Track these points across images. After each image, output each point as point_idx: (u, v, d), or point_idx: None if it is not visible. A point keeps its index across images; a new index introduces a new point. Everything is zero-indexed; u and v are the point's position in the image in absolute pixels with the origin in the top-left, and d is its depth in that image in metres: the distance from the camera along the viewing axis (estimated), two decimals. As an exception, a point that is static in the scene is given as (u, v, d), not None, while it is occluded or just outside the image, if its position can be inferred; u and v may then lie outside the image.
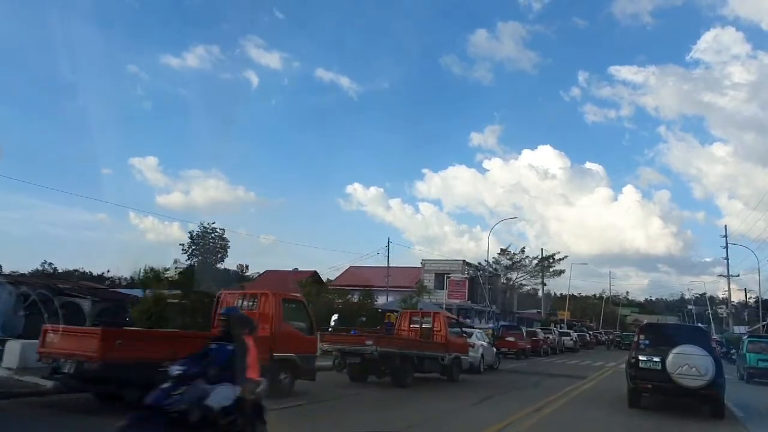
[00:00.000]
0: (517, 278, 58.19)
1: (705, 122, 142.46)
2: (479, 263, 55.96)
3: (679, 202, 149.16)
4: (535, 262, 58.23)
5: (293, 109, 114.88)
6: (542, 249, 59.52)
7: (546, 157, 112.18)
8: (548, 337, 37.20)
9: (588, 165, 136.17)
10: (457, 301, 39.42)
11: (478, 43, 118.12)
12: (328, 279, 48.74)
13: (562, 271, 60.22)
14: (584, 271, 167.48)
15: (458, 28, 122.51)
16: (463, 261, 41.91)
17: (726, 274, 62.30)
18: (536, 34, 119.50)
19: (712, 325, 77.69)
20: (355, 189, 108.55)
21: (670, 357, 11.16)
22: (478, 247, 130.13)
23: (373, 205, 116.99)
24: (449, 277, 33.99)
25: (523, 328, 34.41)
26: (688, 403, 12.04)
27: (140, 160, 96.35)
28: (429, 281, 42.48)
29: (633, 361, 11.97)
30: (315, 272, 47.55)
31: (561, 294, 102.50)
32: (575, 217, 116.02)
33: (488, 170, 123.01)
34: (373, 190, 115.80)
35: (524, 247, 58.82)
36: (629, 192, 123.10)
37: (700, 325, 30.75)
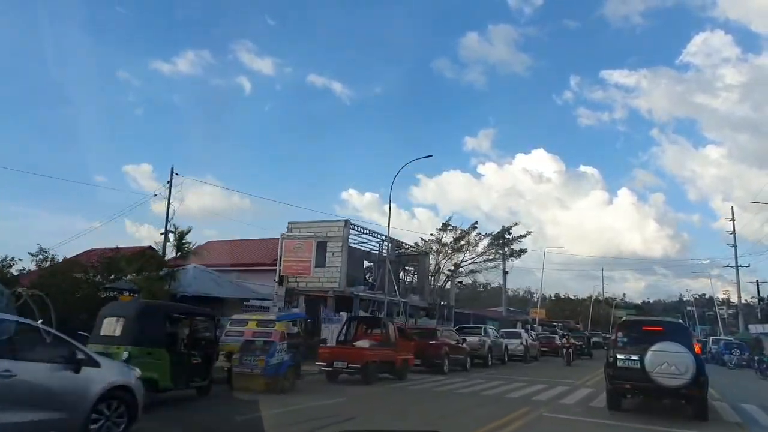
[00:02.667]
0: (463, 261, 43.14)
1: (698, 124, 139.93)
2: (416, 243, 41.22)
3: (674, 205, 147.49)
4: (487, 241, 43.26)
5: (287, 115, 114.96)
6: (503, 226, 44.77)
7: (540, 160, 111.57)
8: (462, 341, 22.19)
9: (582, 168, 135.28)
10: (310, 278, 24.55)
11: (469, 46, 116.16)
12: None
13: (523, 251, 45.38)
14: (580, 274, 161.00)
15: (450, 31, 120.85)
16: (346, 222, 26.94)
17: (734, 264, 54.60)
18: (528, 37, 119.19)
19: (720, 326, 67.14)
20: (351, 195, 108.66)
21: (649, 355, 10.47)
22: (474, 251, 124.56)
23: (368, 210, 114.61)
24: (283, 237, 19.23)
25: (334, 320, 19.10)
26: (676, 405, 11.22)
27: (134, 167, 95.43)
28: (298, 254, 27.63)
29: (611, 360, 11.22)
30: (150, 247, 33.04)
31: (550, 295, 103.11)
32: (571, 220, 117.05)
33: (483, 175, 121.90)
34: (368, 195, 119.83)
35: (476, 223, 43.69)
36: (624, 195, 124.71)
37: (680, 321, 21.40)
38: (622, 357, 11.04)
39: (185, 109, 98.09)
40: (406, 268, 36.20)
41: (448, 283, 42.54)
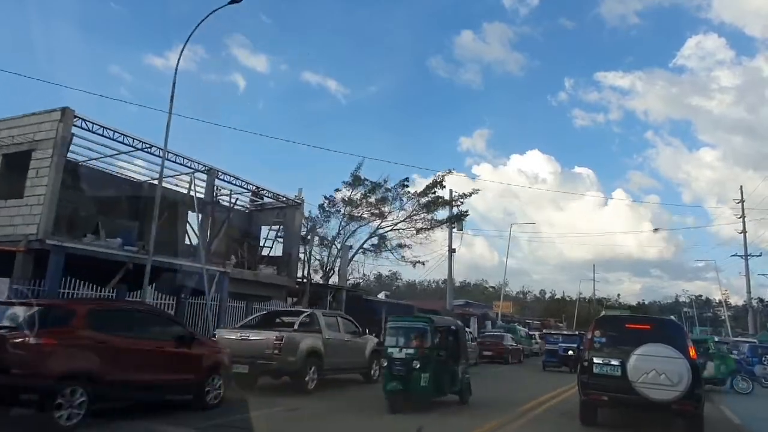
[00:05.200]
0: (381, 228, 30.52)
1: (693, 127, 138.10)
2: (320, 205, 28.86)
3: (669, 207, 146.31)
4: (413, 203, 30.68)
5: (281, 112, 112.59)
6: (434, 179, 31.86)
7: (535, 161, 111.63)
8: (186, 342, 9.38)
9: (577, 169, 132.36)
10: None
11: (464, 45, 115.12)
12: None
13: (464, 214, 32.84)
14: (576, 276, 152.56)
15: (445, 30, 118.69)
16: (65, 111, 14.22)
17: (743, 253, 45.43)
18: (523, 36, 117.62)
19: (728, 327, 56.52)
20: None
21: (633, 360, 8.60)
22: (471, 252, 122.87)
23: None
24: None
25: None
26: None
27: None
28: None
29: (586, 364, 9.21)
30: None
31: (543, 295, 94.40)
32: (566, 221, 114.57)
33: (478, 175, 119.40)
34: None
35: (406, 179, 30.81)
36: (619, 196, 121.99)
37: (672, 318, 14.70)
38: (600, 361, 9.01)
39: (179, 105, 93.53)
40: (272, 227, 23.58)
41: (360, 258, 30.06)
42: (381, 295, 42.72)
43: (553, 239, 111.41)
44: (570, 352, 21.89)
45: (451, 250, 37.32)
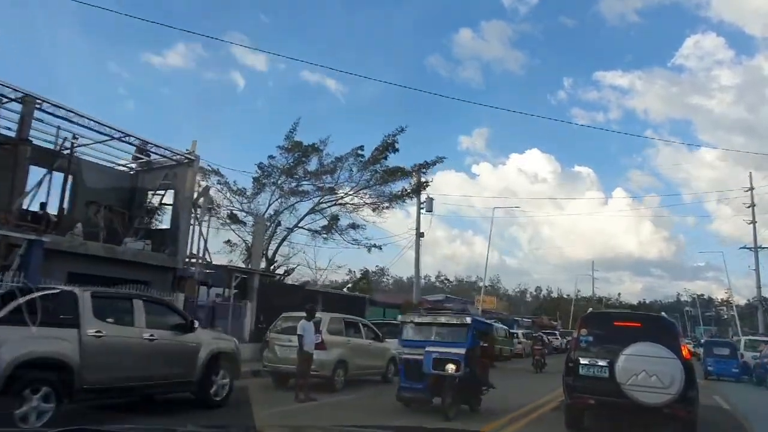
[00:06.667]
0: (324, 203, 25.17)
1: (692, 126, 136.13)
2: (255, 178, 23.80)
3: (670, 207, 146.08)
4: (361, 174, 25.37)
5: (280, 111, 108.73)
6: (385, 139, 26.16)
7: (535, 160, 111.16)
8: None
9: (577, 168, 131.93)
10: None
11: (463, 44, 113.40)
12: None
13: (425, 185, 27.45)
14: (576, 276, 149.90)
15: (444, 28, 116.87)
16: None
17: (753, 244, 41.14)
18: (523, 34, 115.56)
19: (738, 327, 51.10)
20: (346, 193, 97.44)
21: (621, 361, 7.97)
22: (471, 251, 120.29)
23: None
24: None
25: None
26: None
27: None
28: None
29: (571, 365, 8.61)
30: None
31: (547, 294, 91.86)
32: (567, 220, 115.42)
33: (478, 175, 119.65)
34: (362, 194, 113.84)
35: (361, 147, 25.49)
36: (620, 196, 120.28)
37: (664, 314, 14.09)
38: (586, 362, 8.47)
39: (177, 103, 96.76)
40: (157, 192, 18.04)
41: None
42: (345, 290, 37.50)
43: (554, 239, 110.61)
44: (451, 368, 9.56)
45: (419, 234, 32.05)
